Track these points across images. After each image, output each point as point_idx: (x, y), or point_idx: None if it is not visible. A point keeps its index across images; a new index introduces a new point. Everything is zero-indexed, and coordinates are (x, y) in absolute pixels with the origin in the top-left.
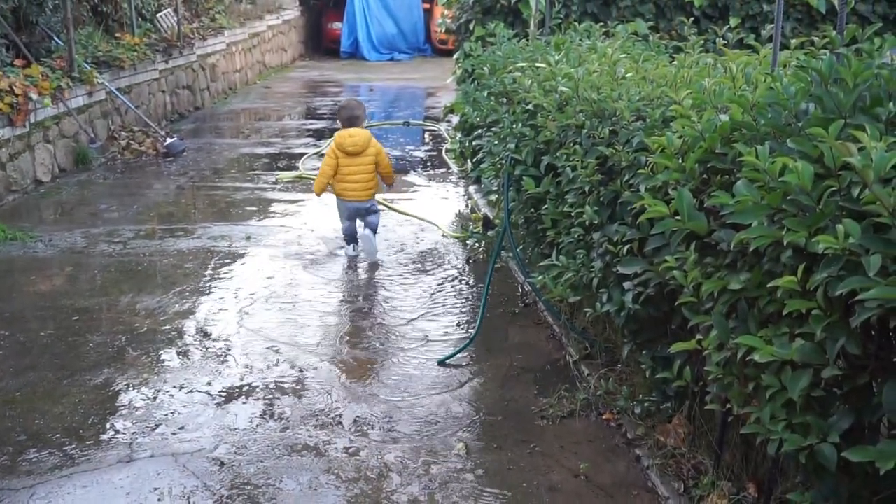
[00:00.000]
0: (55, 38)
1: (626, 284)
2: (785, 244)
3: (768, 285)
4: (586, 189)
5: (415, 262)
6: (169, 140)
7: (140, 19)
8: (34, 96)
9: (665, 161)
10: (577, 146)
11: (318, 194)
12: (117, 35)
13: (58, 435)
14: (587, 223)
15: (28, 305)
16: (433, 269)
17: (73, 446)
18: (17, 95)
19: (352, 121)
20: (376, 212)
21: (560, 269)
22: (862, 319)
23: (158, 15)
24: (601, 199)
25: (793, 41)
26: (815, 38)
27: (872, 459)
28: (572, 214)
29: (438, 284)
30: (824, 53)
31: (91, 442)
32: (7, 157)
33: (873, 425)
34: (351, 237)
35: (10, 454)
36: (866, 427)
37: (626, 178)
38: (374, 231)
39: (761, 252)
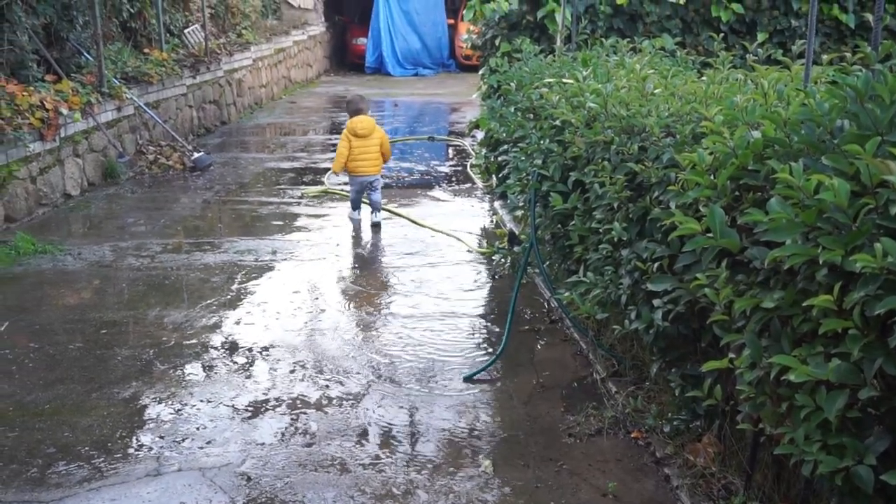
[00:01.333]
0: (85, 53)
1: (656, 302)
2: (820, 262)
3: (803, 304)
4: (615, 205)
5: (440, 278)
6: (196, 155)
7: (168, 35)
8: (64, 111)
9: (696, 178)
10: (605, 162)
11: (337, 173)
12: (146, 51)
13: (86, 448)
14: (615, 240)
15: (57, 318)
16: (459, 284)
17: (102, 459)
18: (47, 110)
19: (358, 111)
20: (377, 189)
21: (587, 285)
22: None
23: (186, 31)
24: (630, 215)
25: (824, 57)
26: (847, 54)
27: None
28: (600, 231)
29: (464, 300)
30: (857, 69)
31: (119, 455)
32: (37, 171)
33: None
34: (356, 204)
35: (40, 466)
36: None
37: (656, 194)
38: (378, 209)
39: (795, 270)
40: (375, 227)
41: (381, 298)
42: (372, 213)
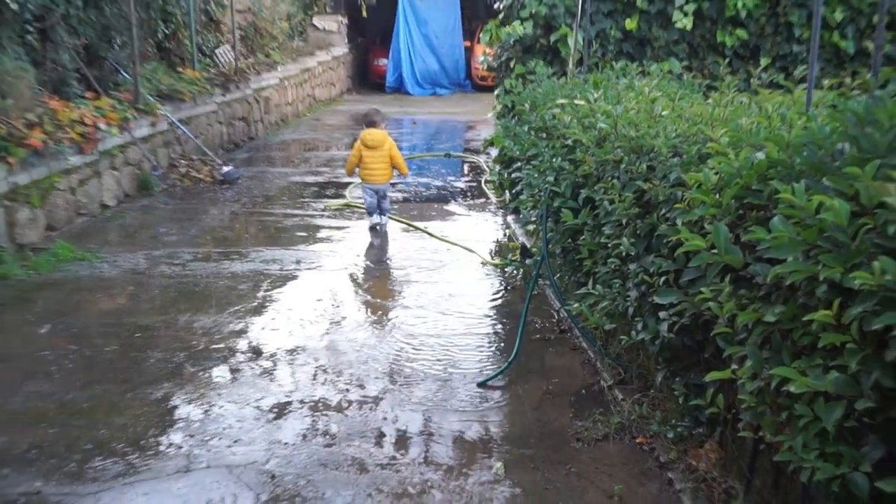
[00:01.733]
0: (122, 72)
1: (662, 314)
2: (820, 279)
3: (803, 318)
4: (623, 221)
5: (455, 288)
6: (225, 168)
7: (200, 55)
8: (103, 126)
9: (702, 196)
10: (614, 180)
11: (349, 174)
12: (179, 69)
13: (121, 444)
14: (623, 254)
15: (94, 322)
16: (473, 294)
17: (135, 456)
18: (87, 125)
19: (371, 124)
20: (386, 196)
21: (596, 297)
22: None
23: (217, 51)
24: (638, 231)
25: (825, 82)
26: (847, 80)
27: None
28: (609, 246)
29: (478, 310)
30: (857, 94)
31: (151, 452)
32: (77, 182)
33: None
34: (372, 208)
35: (78, 462)
36: None
37: (663, 211)
38: (383, 215)
39: (796, 286)
40: (373, 229)
41: (398, 306)
42: (381, 215)
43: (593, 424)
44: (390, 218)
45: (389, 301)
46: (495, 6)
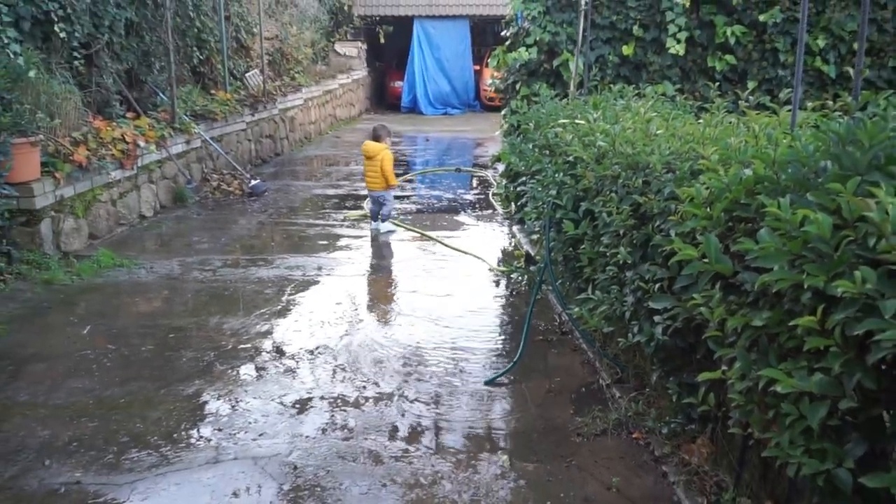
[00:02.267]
0: (160, 94)
1: (656, 318)
2: (805, 287)
3: (789, 323)
4: (621, 232)
5: (464, 293)
6: (253, 182)
7: (231, 78)
8: (142, 144)
9: (693, 209)
10: (612, 194)
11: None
12: (212, 92)
13: (155, 437)
14: (621, 262)
15: (131, 324)
16: (481, 298)
17: (168, 448)
18: (127, 143)
19: (376, 138)
20: (383, 204)
21: (595, 302)
22: (878, 357)
23: (247, 74)
24: (634, 241)
25: (808, 104)
26: (830, 102)
27: (888, 486)
28: (607, 254)
29: (485, 313)
30: (838, 115)
31: (183, 445)
32: (118, 195)
33: (885, 453)
34: (372, 215)
35: (115, 453)
36: (878, 454)
37: (658, 223)
38: (383, 219)
39: (782, 293)
40: (374, 239)
41: (411, 310)
42: (375, 222)
43: (592, 420)
44: (406, 228)
45: (403, 304)
46: (502, 34)
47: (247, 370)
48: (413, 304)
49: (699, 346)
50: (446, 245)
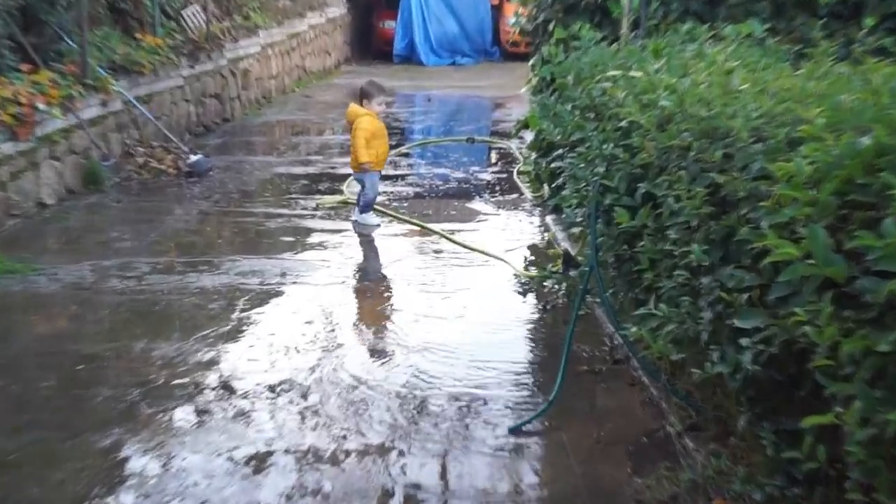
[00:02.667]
0: (67, 39)
1: (744, 341)
2: None
3: None
4: (693, 224)
5: (481, 307)
6: (193, 157)
7: (164, 18)
8: (41, 106)
9: (793, 192)
10: (681, 172)
11: None
12: (137, 36)
13: None
14: (694, 265)
15: (27, 351)
16: (503, 314)
17: None
18: (21, 105)
19: (360, 98)
20: (362, 186)
21: (660, 319)
22: None
23: (184, 12)
24: (711, 236)
25: None
26: None
27: None
28: (675, 254)
29: (509, 334)
30: None
31: None
32: (8, 175)
33: None
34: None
35: None
36: None
37: (744, 211)
38: (363, 210)
39: None
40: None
41: (409, 331)
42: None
43: (658, 482)
44: (400, 219)
45: (396, 323)
46: None
47: (184, 414)
48: (410, 322)
49: (804, 380)
50: (455, 242)
